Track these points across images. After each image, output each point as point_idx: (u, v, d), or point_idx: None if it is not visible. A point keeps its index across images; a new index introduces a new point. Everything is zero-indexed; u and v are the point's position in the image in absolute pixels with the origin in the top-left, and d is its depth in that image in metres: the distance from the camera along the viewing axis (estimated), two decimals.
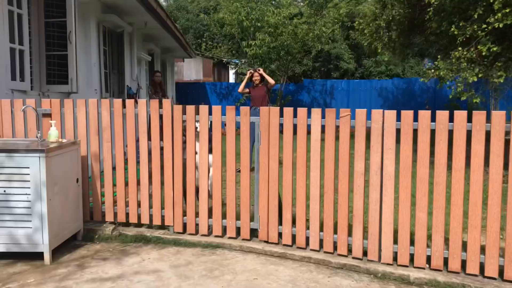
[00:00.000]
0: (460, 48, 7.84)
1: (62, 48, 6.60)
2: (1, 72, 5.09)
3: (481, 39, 7.65)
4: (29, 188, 3.90)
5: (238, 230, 4.53)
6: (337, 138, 4.08)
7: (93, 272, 3.80)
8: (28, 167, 3.89)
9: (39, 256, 3.97)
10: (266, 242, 4.39)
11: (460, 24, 7.79)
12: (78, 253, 4.23)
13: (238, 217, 4.54)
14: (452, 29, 7.87)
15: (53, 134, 4.33)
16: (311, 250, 4.22)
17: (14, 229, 3.94)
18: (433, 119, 3.75)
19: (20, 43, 5.73)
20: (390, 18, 10.43)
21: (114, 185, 4.76)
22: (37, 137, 4.49)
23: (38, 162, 3.88)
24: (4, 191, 3.90)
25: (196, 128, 4.51)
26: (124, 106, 4.65)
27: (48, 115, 4.70)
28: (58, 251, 4.16)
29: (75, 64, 6.66)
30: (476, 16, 7.47)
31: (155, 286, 3.54)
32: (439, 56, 8.86)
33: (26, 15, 5.94)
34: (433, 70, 8.62)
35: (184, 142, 4.57)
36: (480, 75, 7.80)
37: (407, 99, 17.36)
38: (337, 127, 4.09)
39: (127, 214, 4.76)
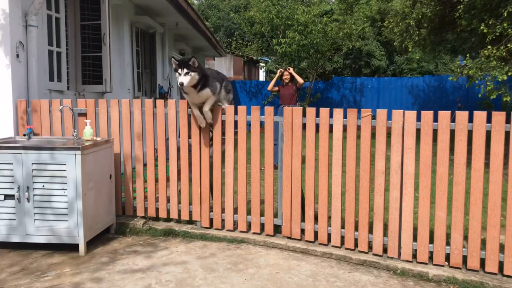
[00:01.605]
0: (489, 47, 7.76)
1: (96, 49, 6.90)
2: (40, 73, 5.40)
3: (511, 37, 7.56)
4: (65, 183, 4.16)
5: (262, 226, 4.70)
6: (358, 137, 4.18)
7: (124, 263, 4.03)
8: (65, 164, 4.14)
9: (74, 247, 4.23)
10: (289, 238, 4.54)
11: (490, 22, 7.72)
12: (111, 245, 4.47)
13: (262, 214, 4.70)
14: (482, 27, 7.80)
15: (88, 132, 4.59)
16: (333, 246, 4.34)
17: (52, 222, 4.20)
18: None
19: (57, 45, 6.03)
20: (420, 16, 10.37)
21: (145, 181, 5.00)
22: (73, 135, 4.76)
23: (74, 159, 4.13)
24: (43, 186, 4.18)
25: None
26: (154, 105, 4.88)
27: (84, 115, 4.97)
28: (92, 243, 4.41)
29: (109, 65, 6.95)
30: (506, 14, 7.38)
31: (182, 277, 3.74)
32: (468, 55, 8.78)
33: (63, 19, 6.25)
34: (461, 69, 8.55)
35: (211, 139, 4.76)
36: (510, 73, 7.71)
37: (438, 97, 17.13)
38: (359, 127, 4.19)
39: (157, 209, 4.99)
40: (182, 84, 4.21)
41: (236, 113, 4.63)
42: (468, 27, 8.82)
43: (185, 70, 4.21)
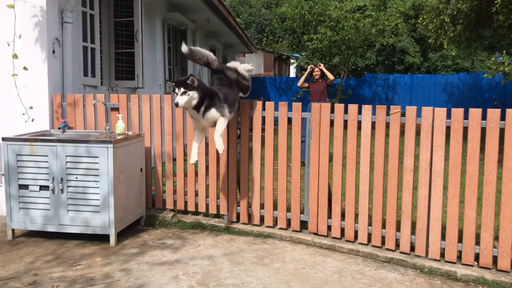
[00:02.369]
0: None
1: (129, 46, 7.05)
2: (75, 68, 5.56)
3: None
4: (98, 176, 4.29)
5: (288, 222, 4.72)
6: (387, 135, 4.15)
7: (153, 255, 4.12)
8: (98, 157, 4.27)
9: (105, 238, 4.36)
10: (315, 234, 4.55)
11: None
12: (141, 237, 4.59)
13: (288, 209, 4.72)
14: None
15: (120, 126, 4.71)
16: (359, 243, 4.32)
17: (85, 213, 4.34)
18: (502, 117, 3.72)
19: (91, 41, 6.19)
20: (455, 12, 10.15)
21: (174, 175, 5.09)
22: (105, 129, 4.89)
23: (106, 152, 4.25)
24: (76, 178, 4.31)
25: None
26: None
27: (116, 109, 5.10)
28: (122, 234, 4.53)
29: (141, 61, 7.09)
30: None
31: (209, 270, 3.80)
32: (504, 52, 8.54)
33: (97, 16, 6.41)
34: (497, 66, 8.33)
35: (239, 136, 4.80)
36: None
37: (473, 95, 16.74)
38: (388, 124, 4.16)
39: (185, 203, 5.08)
40: (177, 104, 3.66)
41: (264, 108, 4.65)
42: (506, 22, 8.59)
43: (182, 89, 3.69)
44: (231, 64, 4.41)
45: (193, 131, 4.90)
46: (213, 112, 3.88)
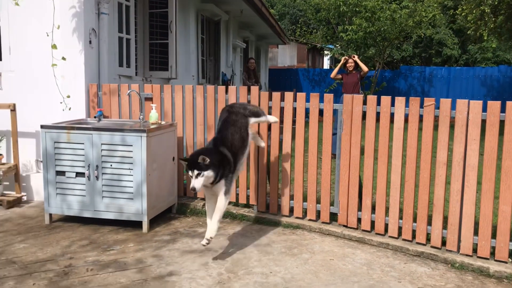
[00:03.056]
0: None
1: (163, 37, 7.14)
2: (110, 59, 5.69)
3: None
4: (132, 163, 4.39)
5: (318, 213, 4.72)
6: (420, 129, 4.08)
7: (184, 242, 4.20)
8: (132, 145, 4.37)
9: (138, 225, 4.47)
10: (345, 226, 4.53)
11: None
12: (172, 224, 4.68)
13: (318, 201, 4.72)
14: None
15: (153, 116, 4.80)
16: (389, 237, 4.29)
17: (119, 200, 4.46)
18: None
19: (127, 32, 6.31)
20: (496, 2, 9.82)
21: None
22: (139, 118, 5.00)
23: (140, 141, 4.34)
24: (111, 165, 4.43)
25: None
26: (216, 92, 5.00)
27: (150, 99, 5.19)
28: (155, 222, 4.64)
29: (175, 52, 7.18)
30: None
31: (238, 258, 3.85)
32: None
33: (132, 7, 6.52)
34: None
35: (269, 128, 4.82)
36: None
37: None
38: (421, 117, 4.09)
39: None
40: (194, 189, 3.56)
41: (295, 100, 4.65)
42: None
43: (196, 172, 3.54)
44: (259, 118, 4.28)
45: None
46: (221, 185, 3.73)
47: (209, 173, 3.56)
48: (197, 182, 3.55)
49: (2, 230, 4.43)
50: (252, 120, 4.15)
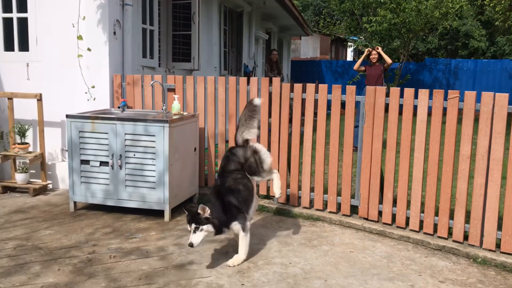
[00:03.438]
0: None
1: (186, 28, 7.18)
2: (134, 50, 5.75)
3: None
4: (154, 153, 4.45)
5: (338, 206, 4.71)
6: (443, 122, 4.03)
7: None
8: (154, 135, 4.42)
9: (160, 214, 4.53)
10: (366, 219, 4.51)
11: None
12: None
13: (339, 193, 4.71)
14: None
15: (175, 107, 4.85)
16: (411, 230, 4.26)
17: (142, 189, 4.52)
18: None
19: (150, 23, 6.36)
20: None
21: None
22: (162, 109, 5.05)
23: (162, 131, 4.39)
24: (134, 155, 4.50)
25: None
26: (237, 83, 5.02)
27: (172, 90, 5.24)
28: (176, 211, 4.70)
29: (198, 43, 7.21)
30: None
31: (258, 248, 3.88)
32: None
33: None
34: None
35: (290, 120, 4.82)
36: None
37: None
38: (445, 110, 4.03)
39: None
40: (191, 245, 3.29)
41: (317, 91, 4.63)
42: None
43: (194, 226, 3.28)
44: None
45: None
46: (235, 227, 3.51)
47: (208, 228, 3.29)
48: (194, 238, 3.28)
49: (28, 217, 4.55)
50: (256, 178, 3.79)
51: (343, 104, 4.56)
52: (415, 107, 4.17)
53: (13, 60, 5.54)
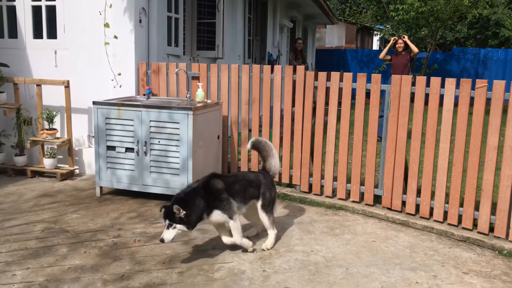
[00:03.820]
0: None
1: (211, 16, 7.19)
2: (159, 38, 5.80)
3: None
4: (178, 140, 4.50)
5: (361, 195, 4.69)
6: (470, 113, 3.95)
7: None
8: (179, 123, 4.47)
9: None
10: (389, 209, 4.48)
11: None
12: None
13: (362, 183, 4.68)
14: None
15: (199, 95, 4.88)
16: (434, 221, 4.21)
17: (166, 175, 4.58)
18: None
19: (175, 11, 6.39)
20: None
21: None
22: (186, 97, 5.09)
23: (186, 118, 4.43)
24: (159, 141, 4.56)
25: None
26: (261, 71, 5.02)
27: (196, 78, 5.28)
28: None
29: (222, 32, 7.21)
30: None
31: (279, 236, 3.90)
32: None
33: None
34: None
35: (314, 110, 4.79)
36: None
37: None
38: (472, 100, 3.96)
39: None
40: (162, 240, 3.22)
41: (341, 79, 4.60)
42: None
43: (167, 222, 3.22)
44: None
45: (267, 100, 4.96)
46: (217, 216, 3.40)
47: (181, 227, 3.21)
48: (166, 235, 3.22)
49: (56, 201, 4.67)
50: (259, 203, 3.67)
51: (367, 94, 4.51)
52: (442, 97, 4.11)
53: (42, 47, 5.65)
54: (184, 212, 3.19)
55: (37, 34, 5.71)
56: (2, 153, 5.69)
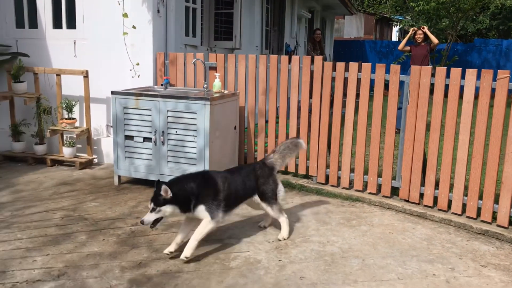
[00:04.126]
0: None
1: (228, 6, 7.17)
2: (177, 28, 5.81)
3: None
4: (195, 131, 4.51)
5: (379, 187, 4.66)
6: (491, 105, 3.89)
7: (243, 208, 4.29)
8: (196, 113, 4.48)
9: None
10: (406, 201, 4.45)
11: None
12: None
13: (379, 175, 4.65)
14: None
15: (217, 85, 4.88)
16: (452, 213, 4.17)
17: (183, 165, 4.60)
18: None
19: (193, 2, 6.38)
20: None
21: (266, 135, 5.20)
22: (203, 87, 5.10)
23: (203, 109, 4.45)
24: (176, 131, 4.58)
25: None
26: (279, 61, 5.00)
27: (214, 68, 5.28)
28: None
29: (240, 22, 7.20)
30: None
31: (296, 226, 3.90)
32: None
33: None
34: None
35: (332, 102, 4.76)
36: None
37: None
38: (493, 91, 3.89)
39: None
40: (142, 222, 3.14)
41: (359, 70, 4.55)
42: None
43: (152, 205, 3.14)
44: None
45: (285, 92, 4.94)
46: (201, 212, 3.25)
47: (166, 209, 3.13)
48: (147, 217, 3.14)
49: (75, 189, 4.74)
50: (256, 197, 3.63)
51: (386, 86, 4.46)
52: (462, 88, 4.04)
53: (61, 37, 5.72)
54: (171, 194, 3.10)
55: (57, 25, 5.77)
56: (22, 142, 5.79)
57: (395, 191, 4.59)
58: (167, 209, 3.14)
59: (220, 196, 3.33)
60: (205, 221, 3.26)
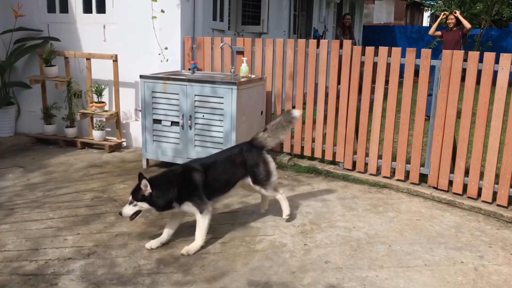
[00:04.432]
0: None
1: None
2: (204, 13, 5.80)
3: None
4: (222, 115, 4.53)
5: (407, 174, 4.60)
6: None
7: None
8: (223, 97, 4.49)
9: None
10: (435, 188, 4.38)
11: None
12: None
13: (408, 161, 4.58)
14: None
15: (244, 69, 4.88)
16: (482, 201, 4.09)
17: (209, 149, 4.61)
18: None
19: None
20: None
21: None
22: (231, 71, 5.10)
23: (230, 93, 4.45)
24: (203, 116, 4.61)
25: None
26: (307, 46, 4.95)
27: (241, 53, 5.27)
28: None
29: (267, 6, 7.14)
30: None
31: (321, 211, 3.90)
32: None
33: None
34: None
35: (360, 88, 4.69)
36: None
37: None
38: None
39: (302, 148, 5.18)
40: (120, 213, 3.14)
41: (389, 55, 4.47)
42: None
43: (130, 198, 3.11)
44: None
45: (313, 77, 4.90)
46: (189, 207, 3.19)
47: (143, 205, 3.08)
48: (126, 209, 3.10)
49: (104, 171, 4.83)
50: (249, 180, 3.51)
51: (416, 72, 4.37)
52: (495, 74, 3.93)
53: (91, 22, 5.79)
54: (150, 191, 3.05)
55: (87, 9, 5.84)
56: (53, 125, 5.93)
57: (423, 178, 4.52)
58: (143, 205, 3.08)
59: (200, 189, 3.19)
60: (198, 217, 3.19)
